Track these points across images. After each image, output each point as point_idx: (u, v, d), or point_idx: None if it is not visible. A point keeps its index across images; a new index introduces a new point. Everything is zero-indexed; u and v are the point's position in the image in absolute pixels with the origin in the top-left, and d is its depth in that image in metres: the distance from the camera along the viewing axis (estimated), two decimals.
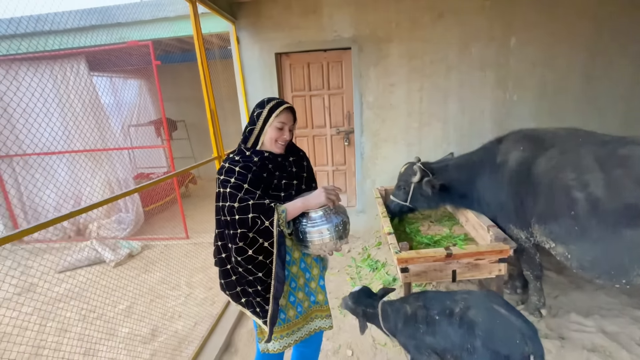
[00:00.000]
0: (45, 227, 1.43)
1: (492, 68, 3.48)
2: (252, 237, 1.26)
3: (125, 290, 3.13)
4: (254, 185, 1.33)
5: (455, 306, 1.49)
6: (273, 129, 1.39)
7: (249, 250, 1.27)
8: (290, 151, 1.52)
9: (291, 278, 1.46)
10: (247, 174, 1.33)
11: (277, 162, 1.43)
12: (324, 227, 1.30)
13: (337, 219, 1.33)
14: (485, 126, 3.63)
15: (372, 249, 3.61)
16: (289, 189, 1.44)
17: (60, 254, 4.15)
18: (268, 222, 1.27)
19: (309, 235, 1.31)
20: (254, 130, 1.41)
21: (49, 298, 3.23)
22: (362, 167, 3.91)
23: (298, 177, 1.49)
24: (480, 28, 3.41)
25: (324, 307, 1.57)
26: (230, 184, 1.30)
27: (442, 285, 2.81)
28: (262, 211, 1.27)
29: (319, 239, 1.31)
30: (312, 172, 1.60)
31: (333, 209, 1.34)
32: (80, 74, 4.48)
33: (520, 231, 2.22)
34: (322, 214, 1.31)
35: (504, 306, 1.44)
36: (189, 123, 7.52)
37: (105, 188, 4.90)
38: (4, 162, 4.77)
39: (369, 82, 3.68)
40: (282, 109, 1.38)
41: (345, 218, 1.37)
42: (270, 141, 1.41)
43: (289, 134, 1.43)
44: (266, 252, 1.29)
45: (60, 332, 2.73)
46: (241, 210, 1.26)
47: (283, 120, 1.39)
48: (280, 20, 3.63)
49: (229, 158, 1.40)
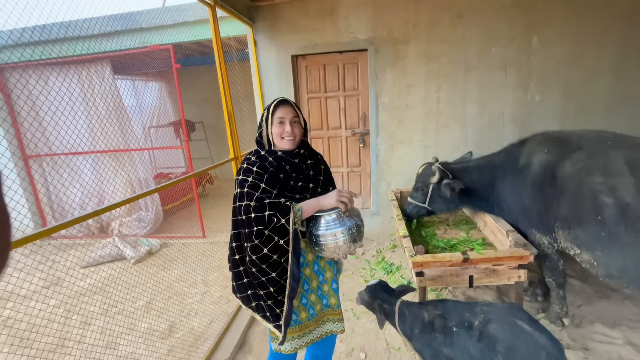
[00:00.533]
0: (72, 224, 1.51)
1: (512, 68, 3.39)
2: (267, 235, 1.28)
3: (145, 286, 3.23)
4: (270, 184, 1.36)
5: (474, 319, 1.44)
6: (275, 125, 1.42)
7: (264, 249, 1.29)
8: (308, 154, 1.53)
9: (304, 280, 1.47)
10: (264, 173, 1.36)
11: (293, 164, 1.44)
12: (338, 230, 1.30)
13: (350, 222, 1.32)
14: (505, 128, 3.53)
15: (387, 252, 3.57)
16: (304, 192, 1.45)
17: (85, 250, 4.33)
18: (284, 220, 1.29)
19: (322, 238, 1.31)
20: (262, 132, 1.46)
21: (73, 292, 3.37)
22: (377, 168, 3.88)
23: (314, 180, 1.50)
24: (501, 27, 3.32)
25: (336, 310, 1.57)
26: (247, 183, 1.34)
27: (458, 290, 2.76)
28: (278, 209, 1.29)
29: (332, 242, 1.31)
30: (330, 175, 1.61)
31: (347, 212, 1.34)
32: (106, 78, 4.66)
33: (543, 236, 2.15)
34: (335, 217, 1.31)
35: (527, 321, 1.37)
36: (207, 124, 7.68)
37: (127, 187, 5.08)
38: (35, 161, 5.02)
39: (385, 84, 3.65)
40: (275, 104, 1.42)
41: (360, 221, 1.37)
42: (277, 138, 1.43)
43: (290, 126, 1.43)
44: (281, 251, 1.30)
45: (84, 325, 2.85)
46: (258, 208, 1.29)
47: (280, 115, 1.42)
48: (297, 23, 3.66)
49: (246, 159, 1.45)
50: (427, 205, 2.67)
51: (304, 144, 1.53)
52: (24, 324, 2.69)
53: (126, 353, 2.40)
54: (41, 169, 5.09)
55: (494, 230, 2.55)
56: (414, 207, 2.76)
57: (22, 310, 2.90)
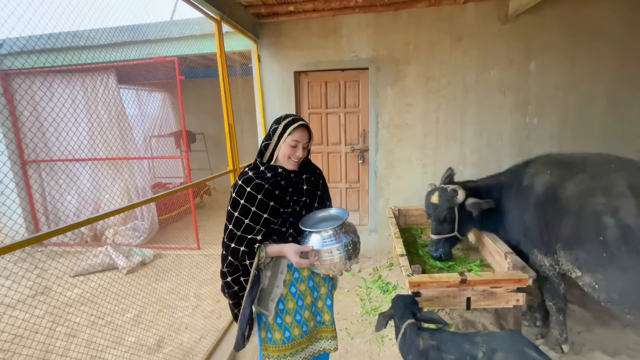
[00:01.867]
0: (65, 231, 1.47)
1: (511, 91, 3.45)
2: (235, 266, 1.36)
3: (135, 298, 3.15)
4: (261, 207, 1.35)
5: (476, 350, 1.36)
6: (286, 145, 1.39)
7: (228, 277, 1.37)
8: (305, 168, 1.52)
9: (298, 296, 1.46)
10: (256, 195, 1.35)
11: (289, 179, 1.43)
12: (334, 247, 1.29)
13: (347, 239, 1.31)
14: (503, 149, 3.56)
15: (384, 270, 3.52)
16: (296, 205, 1.45)
17: (76, 258, 4.25)
18: (249, 262, 1.35)
19: (318, 254, 1.31)
20: (269, 145, 1.42)
21: (60, 302, 3.28)
22: (376, 185, 3.88)
23: (309, 194, 1.49)
24: (499, 51, 3.40)
25: (329, 327, 1.55)
26: (239, 207, 1.35)
27: (455, 312, 2.70)
28: (250, 248, 1.34)
29: (328, 259, 1.30)
30: (326, 190, 1.60)
31: (343, 227, 1.33)
32: (109, 87, 4.71)
33: (544, 257, 2.12)
34: (332, 234, 1.31)
35: (534, 349, 1.31)
36: (208, 136, 7.72)
37: (124, 196, 5.04)
38: (31, 167, 5.00)
39: (385, 102, 3.70)
40: (295, 126, 1.38)
41: (355, 238, 1.36)
42: (284, 157, 1.41)
43: (302, 151, 1.42)
44: (241, 286, 1.38)
45: (69, 338, 2.76)
46: (238, 240, 1.34)
47: (297, 138, 1.39)
48: (301, 40, 3.74)
49: (243, 173, 1.42)
50: (457, 233, 2.43)
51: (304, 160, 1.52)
52: (5, 334, 2.60)
53: None
54: (38, 175, 5.06)
55: (492, 252, 2.52)
56: (444, 243, 2.44)
57: (5, 320, 2.81)
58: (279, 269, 1.44)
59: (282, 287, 1.44)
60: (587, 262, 1.83)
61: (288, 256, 1.32)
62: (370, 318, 2.78)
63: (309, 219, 1.45)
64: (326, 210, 1.49)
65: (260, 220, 1.35)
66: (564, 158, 2.19)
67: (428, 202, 2.50)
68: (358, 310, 2.92)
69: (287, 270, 1.45)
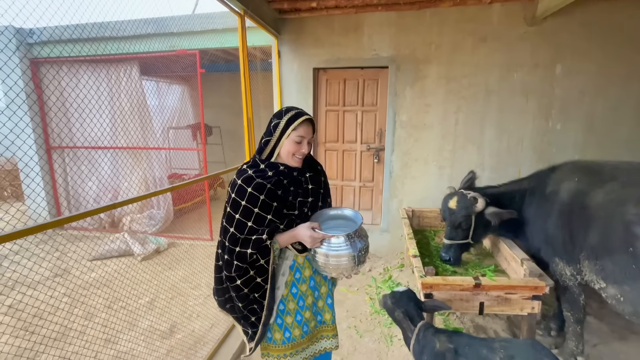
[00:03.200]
0: (86, 216, 1.52)
1: (535, 95, 3.36)
2: (245, 269, 1.27)
3: (149, 284, 3.24)
4: (265, 208, 1.27)
5: (494, 356, 1.34)
6: (290, 142, 1.30)
7: (238, 281, 1.28)
8: (308, 166, 1.44)
9: (299, 296, 1.42)
10: (259, 196, 1.26)
11: (292, 177, 1.35)
12: (345, 252, 1.25)
13: (360, 244, 1.27)
14: (523, 154, 3.48)
15: (394, 271, 3.50)
16: (303, 207, 1.38)
17: (94, 243, 4.39)
18: (264, 261, 1.27)
19: (326, 258, 1.26)
20: (270, 141, 1.32)
21: (78, 284, 3.40)
22: (390, 185, 3.85)
23: (314, 194, 1.42)
24: (524, 54, 3.32)
25: (330, 326, 1.53)
26: (240, 209, 1.26)
27: (466, 316, 2.67)
28: (259, 249, 1.25)
29: (335, 264, 1.26)
30: (328, 187, 1.54)
31: (356, 232, 1.27)
32: (132, 77, 4.83)
33: (566, 266, 2.07)
34: (344, 240, 1.25)
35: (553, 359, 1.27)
36: (224, 129, 7.82)
37: (142, 184, 5.16)
38: (56, 152, 5.18)
39: (404, 102, 3.67)
40: (300, 121, 1.28)
41: (367, 244, 1.31)
42: (287, 154, 1.32)
43: (307, 147, 1.33)
44: (257, 286, 1.30)
45: (87, 317, 2.86)
46: (243, 243, 1.26)
47: (302, 134, 1.29)
48: (321, 37, 3.74)
49: (242, 172, 1.32)
50: (470, 240, 2.40)
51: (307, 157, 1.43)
52: (27, 311, 2.71)
53: (126, 349, 2.39)
54: (62, 161, 5.24)
55: (507, 258, 2.47)
56: (456, 249, 2.42)
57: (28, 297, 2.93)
58: (281, 270, 1.39)
59: (283, 288, 1.39)
60: (613, 274, 1.77)
61: (302, 239, 1.26)
62: (379, 317, 2.78)
63: (319, 216, 1.37)
64: (339, 209, 1.41)
65: (265, 222, 1.27)
66: (593, 165, 2.12)
67: (445, 206, 2.46)
68: (367, 309, 2.92)
69: (289, 272, 1.40)
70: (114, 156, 5.17)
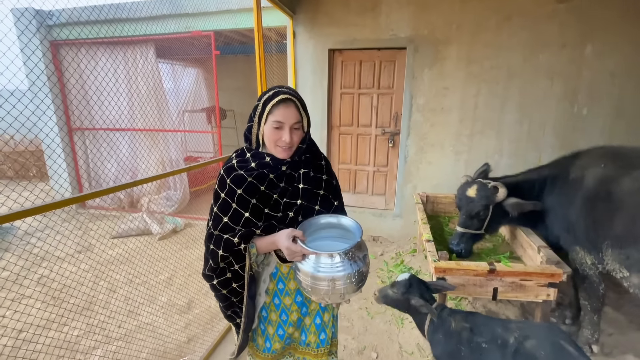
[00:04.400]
0: (105, 193, 1.58)
1: (560, 77, 3.21)
2: (221, 269, 1.14)
3: (167, 262, 3.36)
4: (242, 204, 1.11)
5: (509, 336, 1.34)
6: (269, 128, 1.10)
7: (214, 280, 1.15)
8: (305, 160, 1.21)
9: (282, 309, 1.25)
10: (236, 190, 1.11)
11: (279, 170, 1.15)
12: (338, 275, 0.99)
13: (355, 267, 1.01)
14: (545, 140, 3.36)
15: (406, 255, 3.51)
16: (287, 210, 1.16)
17: (114, 222, 4.56)
18: (238, 266, 1.12)
19: (313, 280, 1.01)
20: (252, 128, 1.15)
21: (102, 259, 3.55)
22: (405, 170, 3.81)
23: (306, 196, 1.18)
24: (551, 33, 3.15)
25: (314, 350, 1.31)
26: (219, 201, 1.14)
27: (479, 302, 2.66)
28: (232, 252, 1.10)
29: (316, 287, 1.01)
30: (332, 188, 1.27)
31: (351, 251, 1.01)
32: (149, 60, 4.86)
33: (587, 255, 2.02)
34: (339, 260, 1.00)
35: (572, 344, 1.24)
36: (237, 113, 7.84)
37: (159, 166, 5.28)
38: (76, 134, 5.32)
39: (421, 84, 3.57)
40: (275, 102, 1.07)
41: (365, 267, 1.05)
42: (269, 143, 1.13)
43: (290, 134, 1.10)
44: (234, 291, 1.17)
45: (109, 292, 3.00)
46: (216, 241, 1.12)
47: (278, 118, 1.08)
48: (337, 17, 3.64)
49: (228, 160, 1.20)
50: (483, 231, 2.33)
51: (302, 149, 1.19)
52: (56, 283, 2.87)
53: (147, 322, 2.51)
54: (82, 142, 5.39)
55: (523, 244, 2.44)
56: (468, 239, 2.33)
57: (56, 270, 3.10)
58: (262, 276, 1.24)
59: (264, 295, 1.24)
60: (639, 262, 1.72)
61: (281, 248, 1.05)
62: None
63: (309, 223, 1.14)
64: (335, 217, 1.16)
65: (240, 220, 1.11)
66: (622, 151, 2.02)
67: (462, 194, 2.38)
68: None
69: (270, 280, 1.24)
70: (132, 138, 5.28)
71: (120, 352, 2.20)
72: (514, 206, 2.19)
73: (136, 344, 2.22)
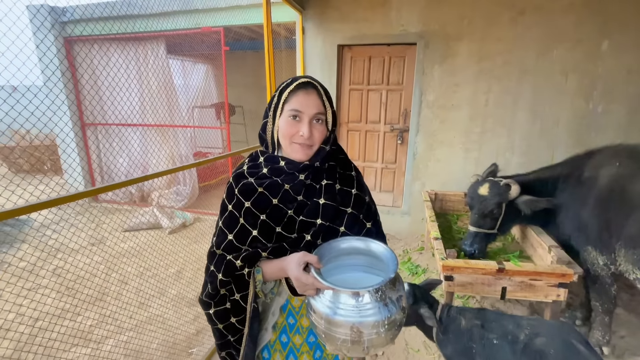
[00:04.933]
0: (118, 187, 1.61)
1: (575, 74, 3.13)
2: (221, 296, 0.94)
3: (177, 256, 3.42)
4: (251, 220, 0.92)
5: (519, 332, 1.32)
6: (285, 121, 0.90)
7: (211, 309, 0.95)
8: (329, 168, 0.97)
9: (290, 349, 1.03)
10: (244, 202, 0.92)
11: (298, 182, 0.92)
12: (367, 321, 0.73)
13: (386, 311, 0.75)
14: (558, 138, 3.29)
15: (414, 253, 3.50)
16: (303, 230, 0.92)
17: (125, 216, 4.65)
18: (239, 296, 0.92)
19: (325, 325, 0.77)
20: (267, 125, 0.95)
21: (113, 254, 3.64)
22: (413, 167, 3.78)
23: (329, 214, 0.93)
24: (567, 29, 3.07)
25: None
26: (225, 214, 0.95)
27: (487, 301, 2.64)
28: (234, 277, 0.91)
29: (344, 337, 0.75)
30: (364, 206, 1.00)
31: (383, 288, 0.76)
32: (159, 56, 4.91)
33: (599, 255, 1.98)
34: (369, 300, 0.74)
35: (583, 343, 1.21)
36: (246, 109, 7.87)
37: (169, 161, 5.35)
38: (89, 129, 5.43)
39: (431, 81, 3.52)
40: (292, 88, 0.88)
41: (399, 312, 0.78)
42: (285, 139, 0.92)
43: (309, 127, 0.88)
44: (232, 327, 0.97)
45: (121, 284, 3.07)
46: (217, 263, 0.93)
47: (296, 107, 0.88)
48: (347, 12, 3.62)
49: (239, 166, 1.01)
50: (496, 231, 2.27)
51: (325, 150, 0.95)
52: (70, 274, 2.95)
53: (157, 314, 2.56)
54: (95, 137, 5.49)
55: (534, 244, 2.40)
56: (481, 238, 2.28)
57: (70, 262, 3.18)
58: (271, 309, 1.02)
59: (270, 331, 1.01)
60: None
61: (289, 274, 0.85)
62: None
63: (329, 247, 0.89)
64: (361, 240, 0.90)
65: (247, 239, 0.92)
66: (638, 149, 1.97)
67: (474, 192, 2.34)
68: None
69: (279, 313, 1.01)
70: (143, 133, 5.36)
71: (132, 342, 2.25)
72: (528, 203, 2.15)
73: (147, 335, 2.27)
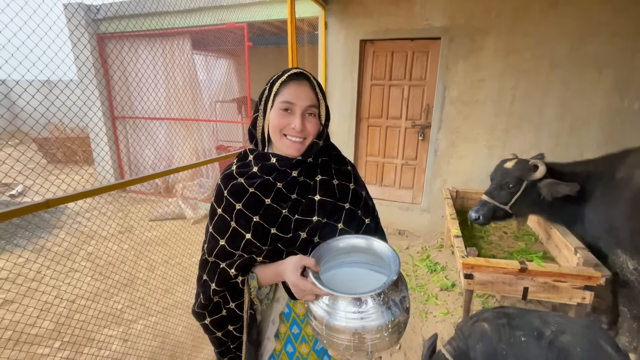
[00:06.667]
0: (147, 180, 1.71)
1: (610, 69, 2.98)
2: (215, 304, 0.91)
3: (200, 245, 3.54)
4: (243, 222, 0.88)
5: (545, 328, 1.26)
6: (276, 113, 0.86)
7: (206, 319, 0.92)
8: (323, 164, 0.94)
9: (297, 359, 0.99)
10: (234, 204, 0.88)
11: (291, 180, 0.89)
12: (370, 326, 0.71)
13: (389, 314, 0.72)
14: (589, 136, 3.16)
15: (432, 250, 3.47)
16: (299, 229, 0.88)
17: (153, 206, 4.86)
18: (234, 304, 0.88)
19: (327, 331, 0.74)
20: (258, 119, 0.91)
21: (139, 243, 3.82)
22: (434, 164, 3.73)
23: (325, 210, 0.90)
24: (602, 20, 2.92)
25: None
26: (214, 219, 0.92)
27: (507, 300, 2.60)
28: (228, 286, 0.87)
29: (346, 343, 0.73)
30: (361, 201, 0.97)
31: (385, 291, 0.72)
32: (185, 52, 5.05)
33: (629, 259, 1.90)
34: (372, 305, 0.71)
35: (611, 345, 1.16)
36: None
37: (193, 154, 5.53)
38: (119, 122, 5.68)
39: (455, 76, 3.45)
40: (284, 79, 0.85)
41: (404, 314, 0.75)
42: (276, 134, 0.88)
43: (301, 120, 0.85)
44: (231, 334, 0.94)
45: (148, 271, 3.23)
46: (209, 271, 0.90)
47: (287, 98, 0.85)
48: (370, 7, 3.59)
49: (228, 166, 0.97)
50: (508, 208, 2.24)
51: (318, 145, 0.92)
52: (102, 260, 3.14)
53: (182, 300, 2.69)
54: (124, 130, 5.74)
55: (559, 245, 2.34)
56: (489, 209, 2.25)
57: (102, 248, 3.38)
58: (270, 316, 0.97)
59: (273, 340, 0.97)
60: None
61: (286, 279, 0.80)
62: (414, 293, 2.81)
63: (327, 247, 0.85)
64: (362, 238, 0.86)
65: (240, 244, 0.88)
66: None
67: (500, 166, 2.34)
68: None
69: (280, 321, 0.96)
70: (169, 127, 5.55)
71: (160, 324, 2.38)
72: (549, 186, 2.09)
73: (173, 318, 2.40)
